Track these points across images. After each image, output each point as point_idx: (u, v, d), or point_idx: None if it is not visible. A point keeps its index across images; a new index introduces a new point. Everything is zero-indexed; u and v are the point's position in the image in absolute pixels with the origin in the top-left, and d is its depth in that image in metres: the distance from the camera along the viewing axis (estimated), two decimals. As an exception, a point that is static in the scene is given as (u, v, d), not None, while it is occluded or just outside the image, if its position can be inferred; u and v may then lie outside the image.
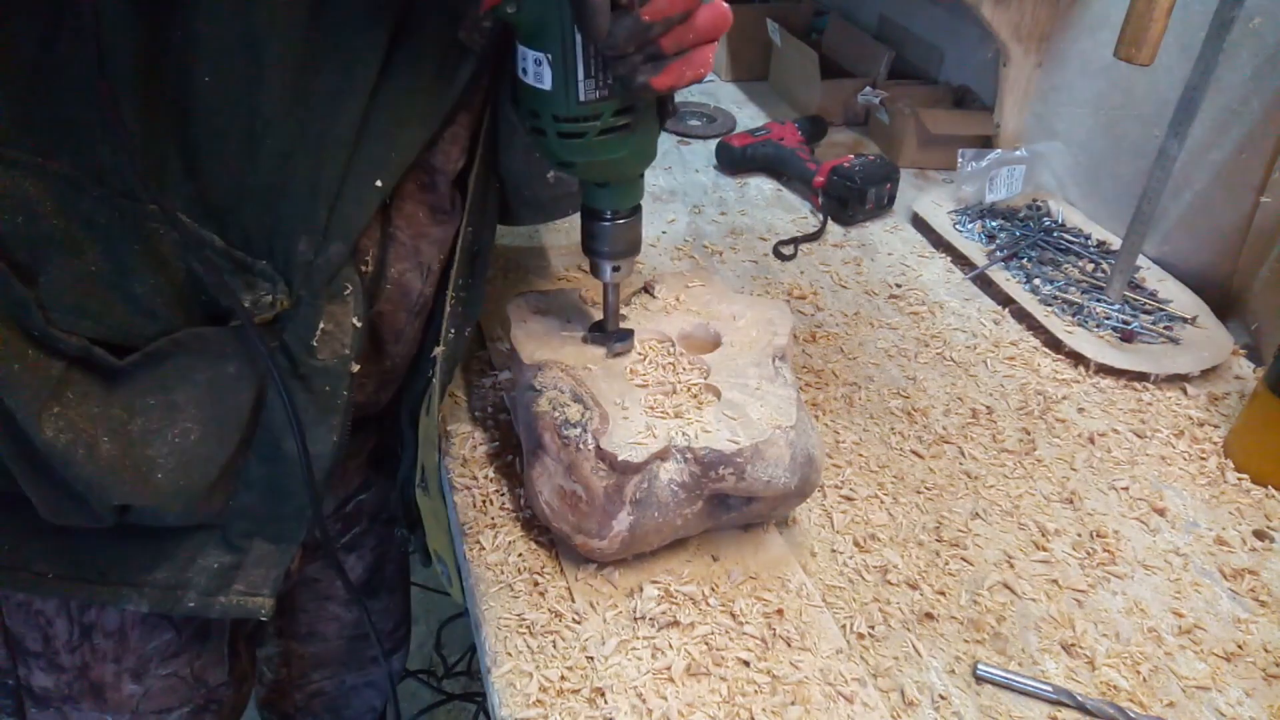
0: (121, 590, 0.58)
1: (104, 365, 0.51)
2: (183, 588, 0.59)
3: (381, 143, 0.54)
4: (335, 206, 0.53)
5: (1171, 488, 0.73)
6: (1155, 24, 0.72)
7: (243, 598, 0.60)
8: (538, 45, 0.50)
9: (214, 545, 0.60)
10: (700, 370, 0.64)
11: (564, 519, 0.58)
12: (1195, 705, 0.55)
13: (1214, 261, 0.96)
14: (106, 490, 0.51)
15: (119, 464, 0.51)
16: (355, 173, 0.53)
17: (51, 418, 0.48)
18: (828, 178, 1.11)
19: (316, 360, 0.56)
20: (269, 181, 0.52)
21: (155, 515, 0.56)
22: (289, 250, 0.53)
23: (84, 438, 0.50)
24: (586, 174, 0.58)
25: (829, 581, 0.62)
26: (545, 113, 0.53)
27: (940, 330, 0.91)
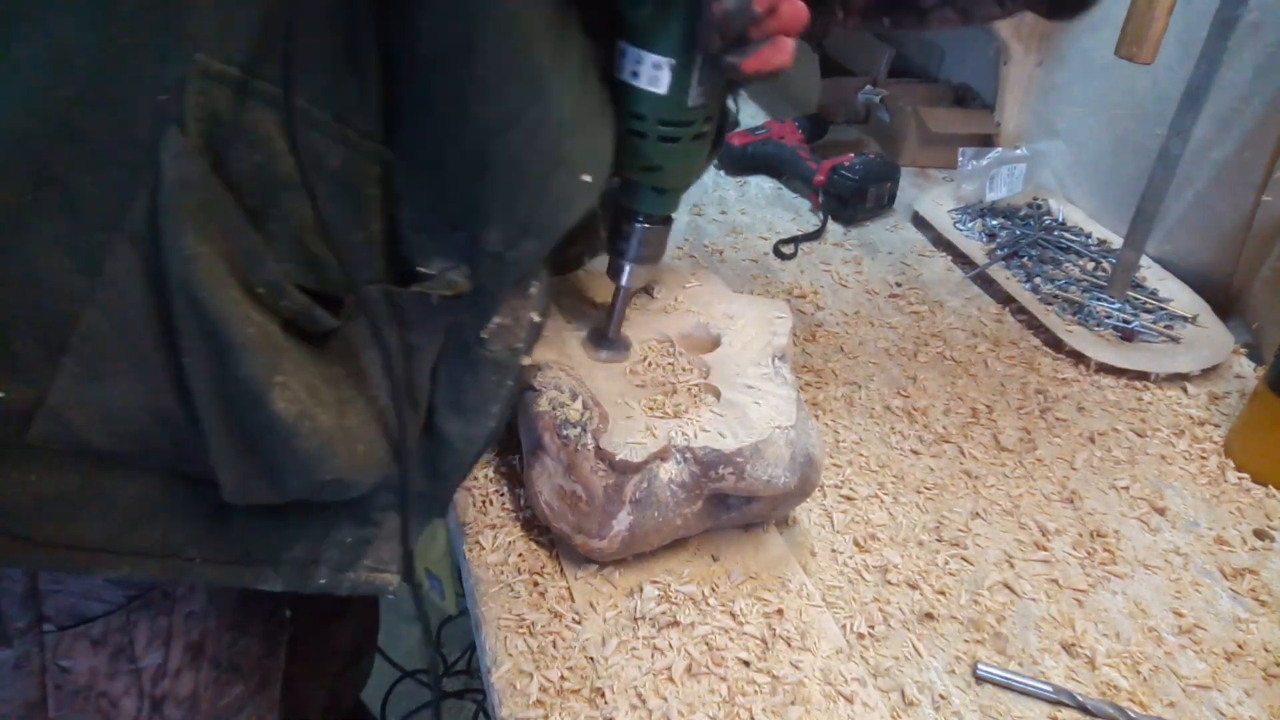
0: (262, 570, 0.53)
1: (319, 325, 0.47)
2: (316, 563, 0.55)
3: (589, 136, 0.50)
4: (538, 197, 0.49)
5: (1172, 487, 0.73)
6: (1156, 23, 0.72)
7: (371, 573, 0.56)
8: (663, 50, 0.52)
9: (349, 520, 0.56)
10: (700, 370, 0.64)
11: (564, 519, 0.58)
12: (1195, 705, 0.55)
13: (1215, 260, 0.96)
14: (323, 465, 0.48)
15: (334, 437, 0.48)
16: (564, 162, 0.48)
17: (280, 388, 0.44)
18: (828, 176, 1.11)
19: (487, 351, 0.54)
20: (471, 157, 0.47)
21: (348, 488, 0.51)
22: (477, 236, 0.49)
23: (306, 409, 0.46)
24: (667, 179, 0.59)
25: (829, 581, 0.62)
26: (652, 116, 0.54)
27: (940, 329, 0.91)
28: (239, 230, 0.43)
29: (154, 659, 0.58)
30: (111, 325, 0.43)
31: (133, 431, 0.46)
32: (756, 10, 0.48)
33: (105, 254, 0.42)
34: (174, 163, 0.41)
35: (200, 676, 0.61)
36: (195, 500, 0.50)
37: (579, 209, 0.50)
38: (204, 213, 0.42)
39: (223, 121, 0.42)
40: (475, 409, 0.56)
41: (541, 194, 0.49)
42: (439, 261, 0.51)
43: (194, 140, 0.41)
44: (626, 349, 0.65)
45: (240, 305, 0.43)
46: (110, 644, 0.56)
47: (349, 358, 0.50)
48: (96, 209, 0.42)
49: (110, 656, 0.56)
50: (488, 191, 0.48)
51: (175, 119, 0.41)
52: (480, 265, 0.50)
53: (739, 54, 0.50)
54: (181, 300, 0.42)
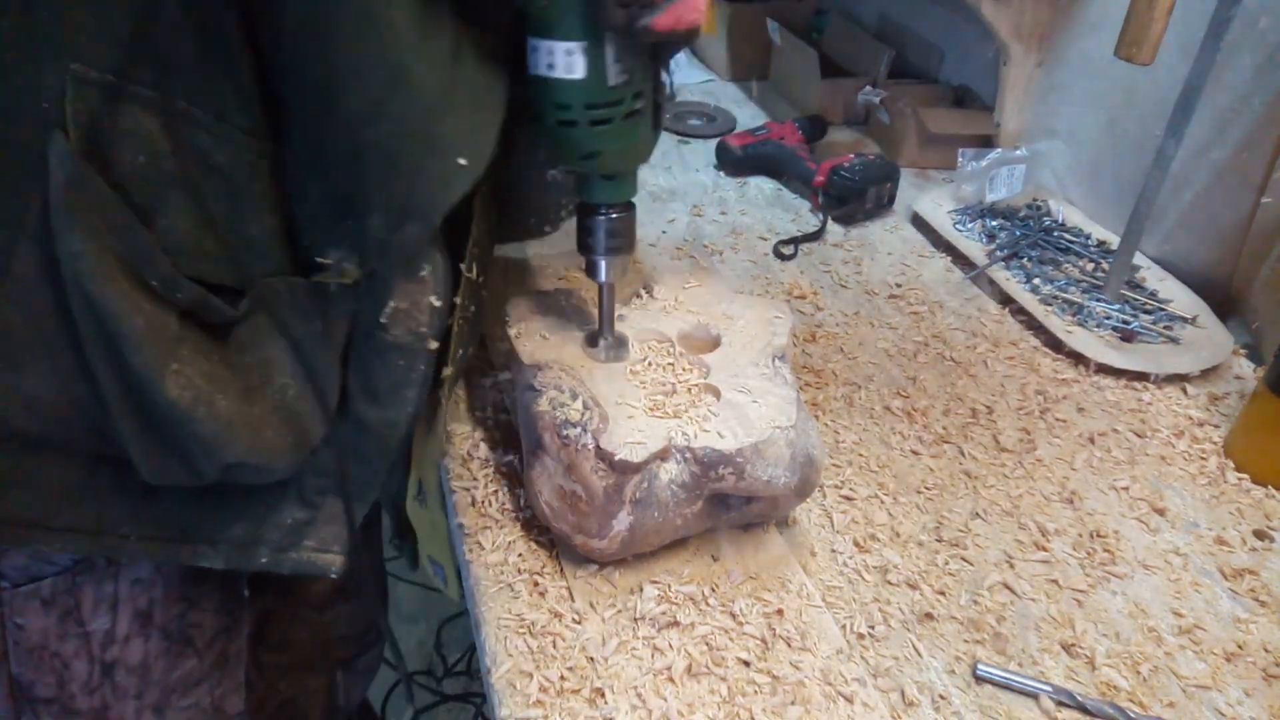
0: (199, 549, 0.57)
1: (217, 316, 0.50)
2: (256, 543, 0.58)
3: (464, 120, 0.50)
4: (413, 183, 0.50)
5: (1171, 487, 0.73)
6: (1156, 23, 0.72)
7: (314, 554, 0.59)
8: (569, 34, 0.51)
9: (288, 501, 0.59)
10: (700, 370, 0.64)
11: (564, 519, 0.58)
12: (1195, 705, 0.55)
13: (1214, 261, 0.96)
14: (224, 448, 0.50)
15: (235, 422, 0.50)
16: (437, 147, 0.50)
17: (174, 375, 0.47)
18: (828, 177, 1.11)
19: (388, 336, 0.55)
20: (344, 147, 0.49)
21: (259, 472, 0.55)
22: (361, 224, 0.51)
23: (203, 395, 0.48)
24: (608, 164, 0.58)
25: (829, 581, 0.62)
26: (577, 103, 0.54)
27: (940, 330, 0.91)
28: (127, 227, 0.45)
29: (102, 624, 0.61)
30: (22, 319, 0.46)
31: (54, 416, 0.49)
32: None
33: (9, 253, 0.45)
34: (59, 166, 0.43)
35: (150, 645, 0.64)
36: (124, 481, 0.53)
37: (456, 191, 0.51)
38: (91, 212, 0.44)
39: (102, 125, 0.44)
40: (388, 394, 0.57)
41: (416, 179, 0.50)
42: (334, 251, 0.52)
43: (76, 144, 0.43)
44: (626, 349, 0.66)
45: (130, 299, 0.45)
46: (58, 605, 0.60)
47: (254, 347, 0.52)
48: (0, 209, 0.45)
49: (59, 618, 0.60)
50: (365, 180, 0.49)
51: (58, 124, 0.43)
52: (368, 252, 0.52)
53: (647, 15, 0.49)
54: (75, 295, 0.45)
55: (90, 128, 0.44)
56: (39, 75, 0.43)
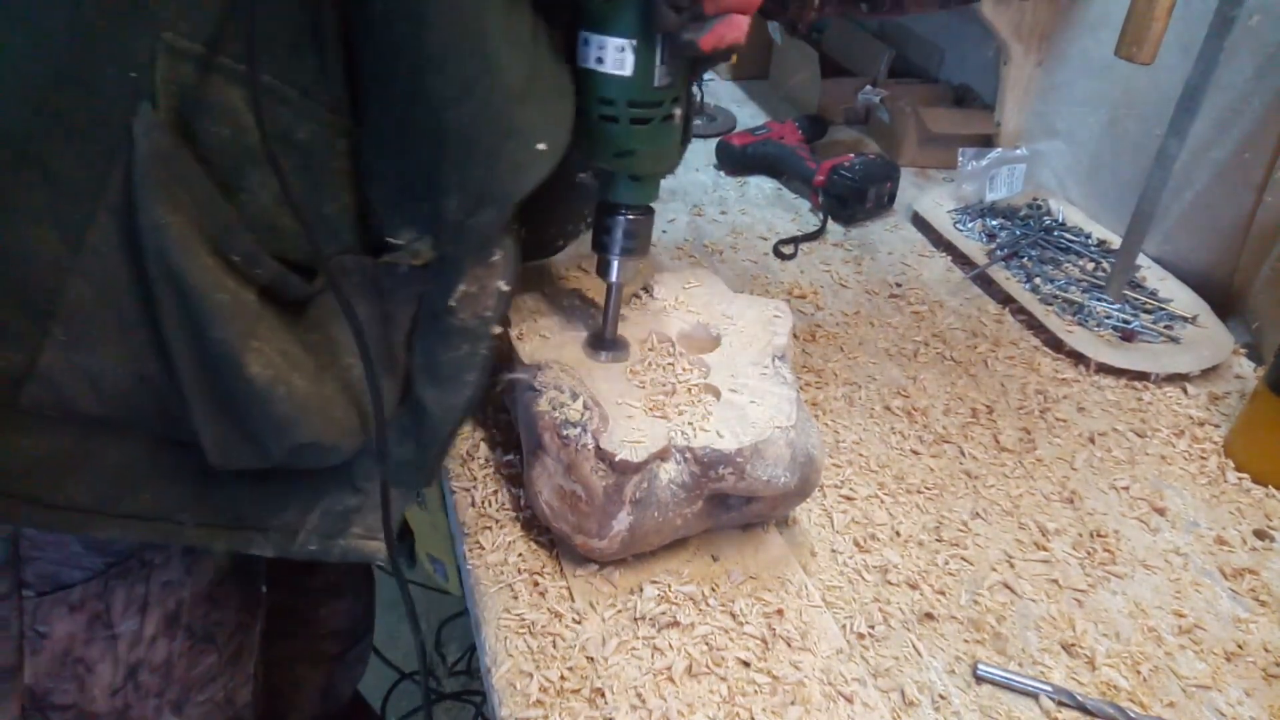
0: (251, 535, 0.55)
1: (294, 293, 0.49)
2: (304, 529, 0.57)
3: (543, 106, 0.50)
4: (492, 167, 0.49)
5: (1172, 487, 0.73)
6: (1156, 23, 0.72)
7: (360, 541, 0.58)
8: (623, 32, 0.53)
9: (338, 487, 0.58)
10: (700, 370, 0.64)
11: (564, 519, 0.58)
12: (1195, 705, 0.55)
13: (1215, 261, 0.96)
14: (299, 429, 0.49)
15: (310, 402, 0.49)
16: (518, 132, 0.49)
17: (254, 353, 0.46)
18: (828, 177, 1.11)
19: (455, 320, 0.55)
20: (426, 127, 0.48)
21: (326, 454, 0.53)
22: (437, 206, 0.50)
23: (281, 374, 0.48)
24: (640, 164, 0.59)
25: (829, 581, 0.62)
26: (621, 99, 0.55)
27: (940, 329, 0.91)
28: (210, 201, 0.45)
29: (130, 626, 0.60)
30: (95, 294, 0.45)
31: (120, 396, 0.48)
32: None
33: (86, 226, 0.44)
34: (145, 137, 0.42)
35: (175, 645, 0.63)
36: (184, 465, 0.51)
37: (534, 176, 0.51)
38: (176, 184, 0.43)
39: (191, 97, 0.44)
40: (450, 377, 0.56)
41: (496, 162, 0.49)
42: (406, 232, 0.52)
43: (164, 115, 0.43)
44: (626, 349, 0.66)
45: (213, 272, 0.45)
46: (88, 610, 0.58)
47: (325, 326, 0.52)
48: (76, 183, 0.44)
49: (87, 622, 0.58)
50: (444, 161, 0.49)
51: (146, 95, 0.43)
52: (443, 234, 0.52)
53: (695, 31, 0.51)
54: (157, 268, 0.44)
55: (179, 99, 0.43)
56: (129, 43, 0.42)
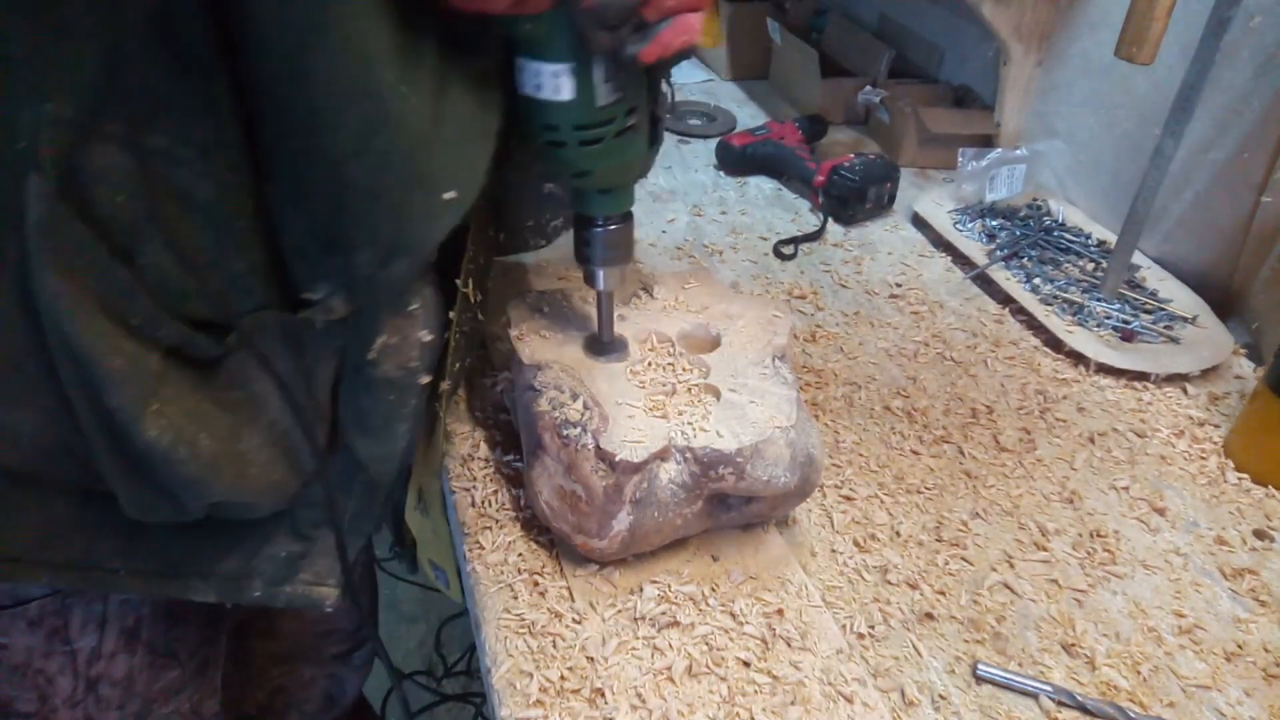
0: (191, 582, 0.56)
1: (200, 354, 0.49)
2: (249, 577, 0.57)
3: (451, 152, 0.49)
4: (401, 219, 0.48)
5: (1171, 487, 0.73)
6: (1156, 23, 0.72)
7: (309, 587, 0.59)
8: (557, 57, 0.50)
9: (282, 534, 0.58)
10: (700, 370, 0.64)
11: (564, 519, 0.58)
12: (1195, 705, 0.55)
13: (1214, 261, 0.96)
14: (207, 488, 0.49)
15: (219, 461, 0.49)
16: (424, 181, 0.48)
17: (153, 416, 0.46)
18: (828, 177, 1.11)
19: (377, 372, 0.54)
20: (328, 184, 0.47)
21: (246, 509, 0.54)
22: (347, 260, 0.50)
23: (185, 435, 0.47)
24: (602, 180, 0.58)
25: (829, 581, 0.62)
26: (565, 124, 0.53)
27: (940, 330, 0.91)
28: (105, 267, 0.44)
29: (88, 642, 0.61)
30: (2, 357, 0.46)
31: (40, 452, 0.49)
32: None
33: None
34: (35, 206, 0.42)
35: (135, 660, 0.64)
36: (114, 515, 0.52)
37: (444, 225, 0.50)
38: (68, 252, 0.43)
39: (79, 165, 0.43)
40: (380, 429, 0.56)
41: (403, 215, 0.48)
42: (321, 286, 0.51)
43: (52, 184, 0.43)
44: (626, 349, 0.66)
45: (108, 338, 0.44)
46: (45, 625, 0.59)
47: (242, 382, 0.51)
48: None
49: (46, 637, 0.60)
50: (348, 216, 0.48)
51: (34, 165, 0.42)
52: (355, 288, 0.51)
53: (636, 43, 0.48)
54: (53, 335, 0.44)
55: (66, 168, 0.43)
56: (14, 115, 0.42)
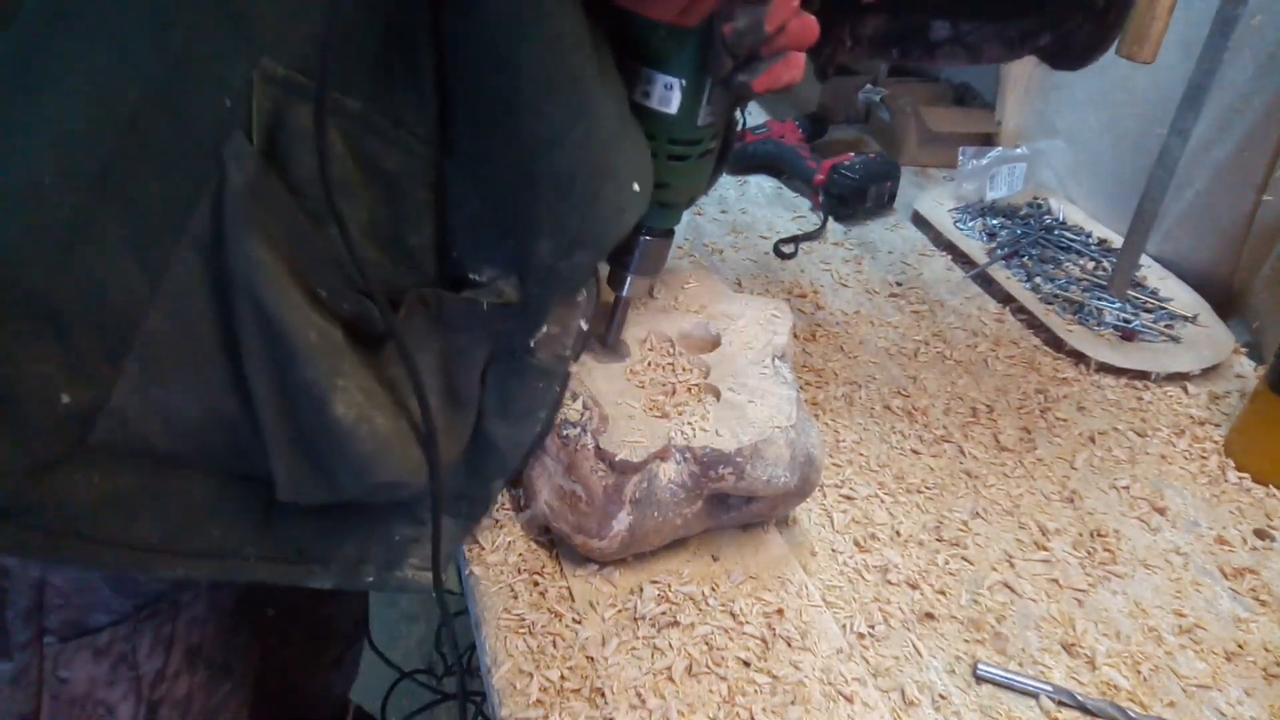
0: (311, 569, 0.54)
1: (373, 329, 0.48)
2: (364, 561, 0.55)
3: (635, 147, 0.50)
4: (588, 211, 0.48)
5: (1172, 487, 0.73)
6: (1157, 22, 0.72)
7: (418, 572, 0.57)
8: (675, 71, 0.52)
9: (397, 519, 0.56)
10: (700, 370, 0.64)
11: (564, 519, 0.58)
12: (1195, 705, 0.55)
13: (1215, 260, 0.96)
14: (380, 467, 0.48)
15: (391, 439, 0.48)
16: (614, 174, 0.48)
17: (340, 391, 0.45)
18: (828, 176, 1.10)
19: (534, 360, 0.54)
20: (522, 170, 0.47)
21: (397, 489, 0.52)
22: (527, 247, 0.49)
23: (365, 413, 0.46)
24: (673, 194, 0.59)
25: (829, 581, 0.62)
26: (662, 135, 0.54)
27: (941, 329, 0.91)
28: (302, 235, 0.43)
29: (154, 664, 0.59)
30: (174, 328, 0.43)
31: (192, 432, 0.46)
32: (767, 29, 0.48)
33: (168, 258, 0.42)
34: (239, 168, 0.41)
35: (195, 679, 0.62)
36: (250, 500, 0.50)
37: (630, 219, 0.50)
38: (269, 218, 0.42)
39: (285, 126, 0.42)
40: (522, 414, 0.56)
41: (592, 206, 0.48)
42: (489, 269, 0.51)
43: (260, 144, 0.41)
44: (626, 350, 0.66)
45: (303, 310, 0.43)
46: (113, 653, 0.56)
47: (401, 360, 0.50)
48: (160, 213, 0.42)
49: (111, 665, 0.57)
50: (538, 204, 0.48)
51: (240, 123, 0.41)
52: (530, 276, 0.51)
53: (749, 73, 0.50)
54: (245, 305, 0.42)
55: (273, 128, 0.42)
56: (225, 69, 0.41)
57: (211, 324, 0.44)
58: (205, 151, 0.41)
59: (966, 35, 0.64)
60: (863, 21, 0.67)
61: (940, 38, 0.66)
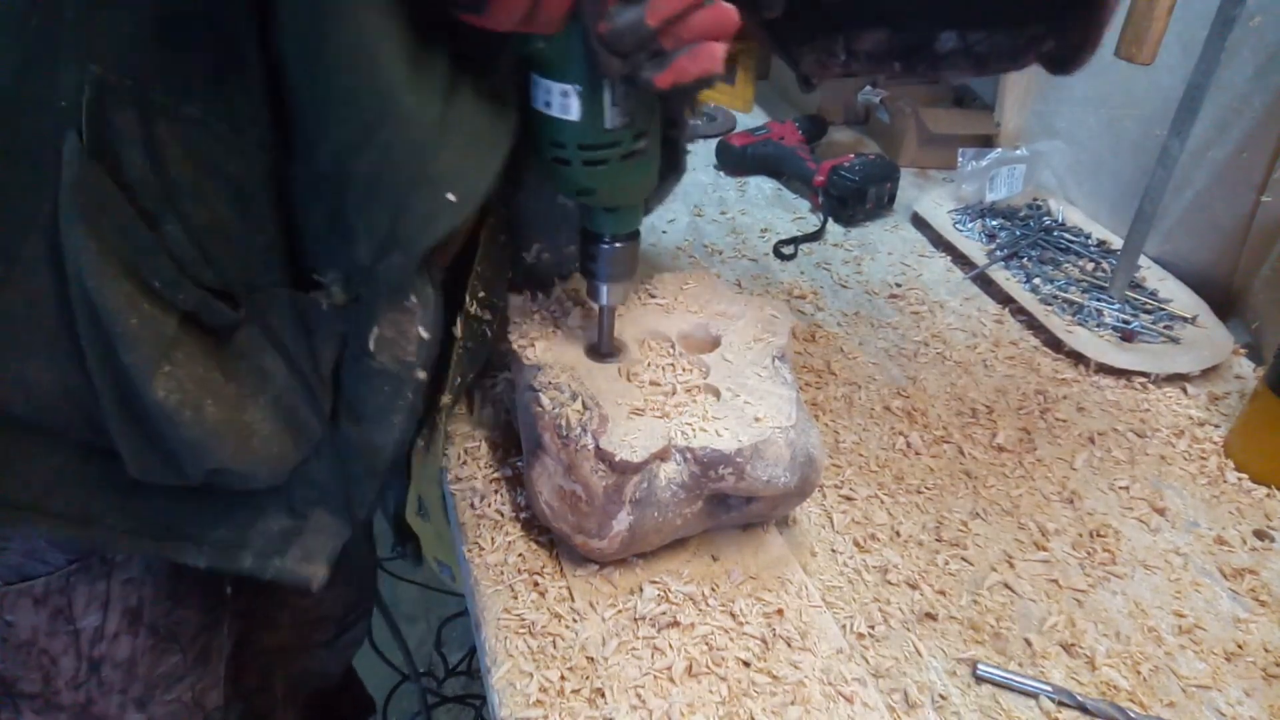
0: (184, 546, 0.57)
1: (216, 321, 0.50)
2: (241, 547, 0.58)
3: (456, 156, 0.50)
4: (398, 214, 0.49)
5: (1171, 487, 0.73)
6: (1156, 23, 0.72)
7: (298, 564, 0.59)
8: (566, 77, 0.51)
9: (276, 509, 0.59)
10: (699, 370, 0.64)
11: (564, 519, 0.58)
12: (1195, 705, 0.55)
13: (1215, 261, 0.96)
14: (209, 453, 0.51)
15: (223, 428, 0.51)
16: (426, 181, 0.49)
17: (163, 377, 0.48)
18: (828, 177, 1.11)
19: (374, 363, 0.55)
20: (334, 172, 0.49)
21: (243, 479, 0.55)
22: (348, 249, 0.51)
23: (191, 399, 0.49)
24: (605, 200, 0.58)
25: (829, 581, 0.62)
26: (570, 143, 0.53)
27: (940, 330, 0.91)
28: (131, 229, 0.46)
29: (92, 621, 0.62)
30: (25, 306, 0.48)
31: (48, 404, 0.50)
32: (649, 24, 0.46)
33: (20, 241, 0.46)
34: (70, 164, 0.44)
35: (138, 642, 0.65)
36: (115, 473, 0.53)
37: (442, 226, 0.50)
38: (96, 211, 0.45)
39: (116, 128, 0.45)
40: (373, 417, 0.57)
41: (402, 210, 0.49)
42: (330, 271, 0.53)
43: (88, 144, 0.44)
44: (625, 351, 0.66)
45: (127, 297, 0.46)
46: (50, 604, 0.60)
47: (252, 354, 0.53)
48: (12, 202, 0.46)
49: (50, 616, 0.60)
50: (350, 206, 0.50)
51: (74, 124, 0.44)
52: (354, 277, 0.53)
53: (651, 68, 0.48)
54: (75, 289, 0.46)
55: (103, 129, 0.45)
56: (60, 74, 0.44)
57: (56, 304, 0.47)
58: (48, 146, 0.45)
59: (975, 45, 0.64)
60: (860, 36, 0.65)
61: (947, 50, 0.65)
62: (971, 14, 0.63)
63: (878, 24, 0.65)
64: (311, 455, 0.58)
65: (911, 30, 0.65)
